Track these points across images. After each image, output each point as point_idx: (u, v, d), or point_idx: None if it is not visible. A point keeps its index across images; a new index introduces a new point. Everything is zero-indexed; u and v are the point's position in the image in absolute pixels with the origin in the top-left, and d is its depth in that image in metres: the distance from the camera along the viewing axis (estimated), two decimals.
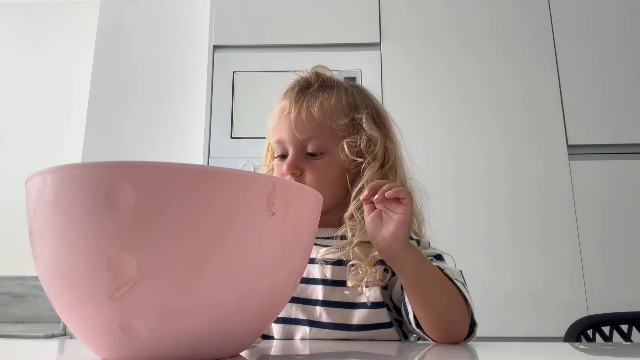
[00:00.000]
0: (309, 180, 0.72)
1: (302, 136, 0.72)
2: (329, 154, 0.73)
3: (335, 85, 0.78)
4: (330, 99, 0.74)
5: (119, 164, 0.37)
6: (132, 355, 0.38)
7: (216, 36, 1.92)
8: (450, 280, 0.63)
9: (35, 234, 0.39)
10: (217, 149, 1.80)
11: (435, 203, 0.80)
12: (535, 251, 1.67)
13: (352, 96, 0.77)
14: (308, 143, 0.73)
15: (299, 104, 0.74)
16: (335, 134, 0.73)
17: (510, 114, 1.81)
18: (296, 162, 0.73)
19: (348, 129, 0.74)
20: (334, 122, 0.73)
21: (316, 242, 0.74)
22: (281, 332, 0.70)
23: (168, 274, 0.35)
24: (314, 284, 0.70)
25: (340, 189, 0.74)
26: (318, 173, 0.72)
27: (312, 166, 0.72)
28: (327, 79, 0.79)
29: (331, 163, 0.73)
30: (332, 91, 0.76)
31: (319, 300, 0.69)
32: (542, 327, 1.58)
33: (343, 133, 0.73)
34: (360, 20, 1.92)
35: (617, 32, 1.88)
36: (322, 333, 0.68)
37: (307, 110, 0.73)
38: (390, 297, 0.71)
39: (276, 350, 0.56)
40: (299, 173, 0.72)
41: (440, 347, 0.60)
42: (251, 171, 0.48)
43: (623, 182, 1.73)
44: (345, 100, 0.75)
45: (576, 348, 0.64)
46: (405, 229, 0.59)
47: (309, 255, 0.48)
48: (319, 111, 0.73)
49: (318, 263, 0.71)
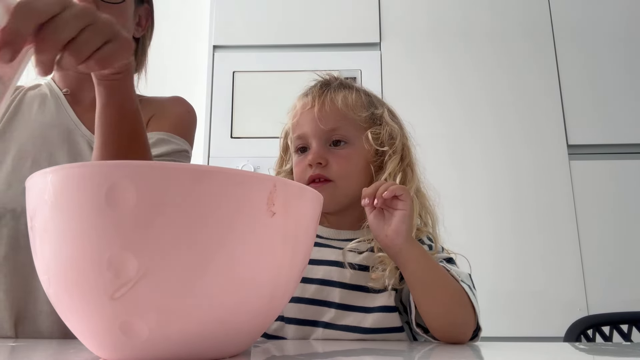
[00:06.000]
0: (334, 170, 0.73)
1: (326, 127, 0.75)
2: (352, 144, 0.76)
3: (353, 85, 0.82)
4: (352, 94, 0.78)
5: (119, 163, 0.37)
6: (132, 355, 0.38)
7: (216, 36, 1.92)
8: (456, 282, 0.63)
9: (35, 234, 0.39)
10: (217, 149, 1.81)
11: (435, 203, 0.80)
12: (535, 251, 1.68)
13: (368, 96, 0.81)
14: (333, 134, 0.75)
15: (323, 97, 0.77)
16: (358, 125, 0.76)
17: (510, 113, 1.81)
18: (321, 152, 0.74)
19: (369, 122, 0.77)
20: (357, 115, 0.76)
21: (323, 242, 0.75)
22: (295, 333, 0.70)
23: (169, 273, 0.35)
24: (331, 286, 0.70)
25: (364, 179, 0.75)
26: (343, 162, 0.74)
27: (336, 156, 0.74)
28: (344, 80, 0.84)
29: (355, 153, 0.75)
30: (351, 89, 0.80)
31: (335, 302, 0.70)
32: (542, 327, 1.58)
33: (365, 125, 0.77)
34: (360, 20, 1.92)
35: (617, 32, 1.88)
36: (334, 334, 0.69)
37: (330, 102, 0.76)
38: (401, 299, 0.71)
39: (276, 350, 0.56)
40: (324, 163, 0.74)
41: (442, 346, 0.60)
42: (251, 171, 0.48)
43: (623, 182, 1.73)
44: (364, 98, 0.80)
45: (576, 348, 0.64)
46: (406, 224, 0.61)
47: (309, 255, 0.48)
48: (343, 103, 0.76)
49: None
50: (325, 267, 0.71)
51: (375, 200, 0.62)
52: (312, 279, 0.71)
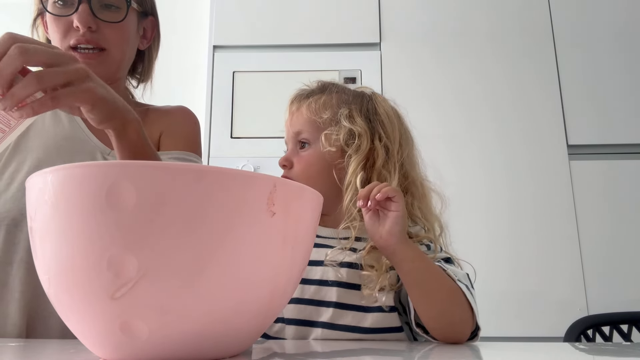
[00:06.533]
0: (295, 172, 0.77)
1: (293, 131, 0.79)
2: (313, 146, 0.78)
3: (333, 88, 0.83)
4: (321, 98, 0.80)
5: (119, 164, 0.37)
6: (132, 355, 0.38)
7: (216, 36, 1.92)
8: (452, 281, 0.63)
9: (35, 234, 0.39)
10: (217, 149, 1.81)
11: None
12: (535, 251, 1.68)
13: (347, 97, 0.81)
14: (298, 137, 0.79)
15: (296, 104, 0.82)
16: (319, 127, 0.77)
17: (510, 114, 1.81)
18: (288, 156, 0.79)
19: (331, 123, 0.77)
20: (319, 117, 0.78)
21: (322, 242, 0.75)
22: (294, 333, 0.70)
23: (169, 274, 0.35)
24: (328, 286, 0.70)
25: (325, 181, 0.75)
26: (303, 163, 0.77)
27: (299, 158, 0.78)
28: (327, 84, 0.84)
29: (315, 155, 0.77)
30: (325, 92, 0.81)
31: (333, 302, 0.70)
32: (542, 327, 1.58)
33: (324, 126, 0.77)
34: (360, 20, 1.92)
35: (617, 32, 1.88)
36: (333, 335, 0.69)
37: (298, 110, 0.81)
38: (399, 299, 0.71)
39: (276, 350, 0.56)
40: (288, 165, 0.78)
41: (441, 346, 0.60)
42: (251, 171, 0.48)
43: (623, 182, 1.73)
44: (336, 99, 0.80)
45: (576, 348, 0.64)
46: (399, 225, 0.62)
47: (309, 255, 0.48)
48: (307, 109, 0.79)
49: (329, 265, 0.71)
50: (323, 267, 0.72)
51: (369, 203, 0.62)
52: (311, 279, 0.71)
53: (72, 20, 0.75)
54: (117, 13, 0.78)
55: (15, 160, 0.77)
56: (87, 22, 0.75)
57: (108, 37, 0.78)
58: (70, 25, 0.76)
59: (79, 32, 0.75)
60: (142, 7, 0.84)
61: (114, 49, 0.79)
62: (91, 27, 0.76)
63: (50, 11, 0.77)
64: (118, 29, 0.79)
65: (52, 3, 0.77)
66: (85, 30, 0.75)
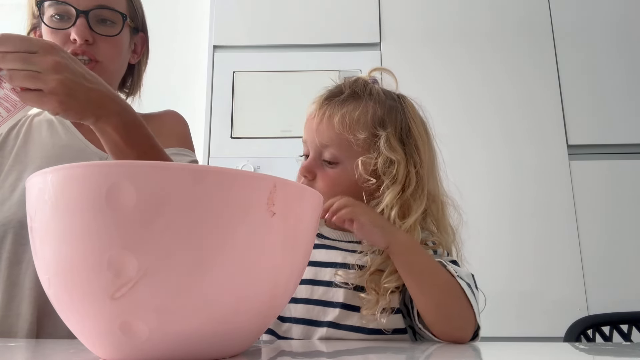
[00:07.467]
0: (319, 187, 0.72)
1: (320, 142, 0.73)
2: (342, 165, 0.72)
3: (366, 96, 0.76)
4: (355, 111, 0.73)
5: (119, 164, 0.37)
6: (132, 355, 0.38)
7: (216, 36, 1.92)
8: (449, 275, 0.64)
9: (35, 234, 0.39)
10: (217, 149, 1.81)
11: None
12: (535, 251, 1.68)
13: (382, 110, 0.75)
14: (325, 150, 0.73)
15: (324, 109, 0.74)
16: (352, 148, 0.72)
17: (511, 114, 1.81)
18: (311, 166, 0.73)
19: (367, 145, 0.72)
20: (353, 135, 0.71)
21: (332, 244, 0.75)
22: (300, 333, 0.71)
23: (169, 274, 0.35)
24: (336, 287, 0.70)
25: (353, 195, 0.71)
26: (329, 182, 0.72)
27: (324, 174, 0.73)
28: (360, 88, 0.77)
29: (344, 175, 0.72)
30: (359, 103, 0.75)
31: (340, 302, 0.70)
32: (542, 327, 1.58)
33: (360, 148, 0.72)
34: (360, 20, 1.92)
35: (617, 32, 1.88)
36: (338, 334, 0.69)
37: (328, 119, 0.73)
38: (404, 300, 0.71)
39: (276, 349, 0.56)
40: (310, 177, 0.73)
41: (443, 346, 0.60)
42: (251, 171, 0.48)
43: (623, 182, 1.73)
44: (371, 114, 0.74)
45: (576, 348, 0.64)
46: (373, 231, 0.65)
47: (309, 255, 0.48)
48: (339, 122, 0.72)
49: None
50: (333, 269, 0.71)
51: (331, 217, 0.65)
52: (321, 280, 0.71)
53: (69, 33, 0.78)
54: (112, 27, 0.82)
55: (15, 170, 0.79)
56: (84, 35, 0.78)
57: (103, 50, 0.81)
58: (67, 38, 0.78)
59: (76, 44, 0.78)
60: (134, 23, 0.89)
61: (108, 61, 0.82)
62: (88, 40, 0.79)
63: (48, 24, 0.79)
64: (113, 42, 0.82)
65: (49, 17, 0.79)
66: (82, 42, 0.78)
